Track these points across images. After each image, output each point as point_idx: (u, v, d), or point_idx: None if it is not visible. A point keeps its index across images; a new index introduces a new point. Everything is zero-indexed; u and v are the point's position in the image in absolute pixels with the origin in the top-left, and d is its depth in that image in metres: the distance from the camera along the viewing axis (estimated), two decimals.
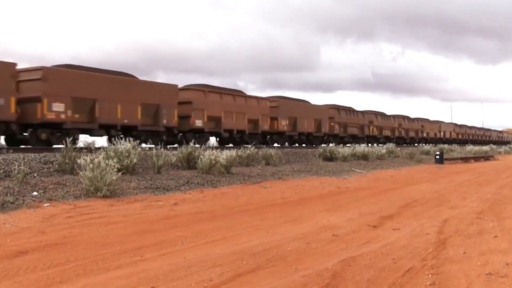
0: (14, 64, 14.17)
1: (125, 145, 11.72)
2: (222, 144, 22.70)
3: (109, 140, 15.99)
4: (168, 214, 8.19)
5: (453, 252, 5.69)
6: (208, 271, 4.74)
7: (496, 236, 6.62)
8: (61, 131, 15.29)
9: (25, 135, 15.22)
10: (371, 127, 38.45)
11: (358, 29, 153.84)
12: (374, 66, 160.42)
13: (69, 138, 11.39)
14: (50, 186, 9.07)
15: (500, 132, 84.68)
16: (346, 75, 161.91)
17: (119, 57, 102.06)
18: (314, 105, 31.33)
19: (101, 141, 17.96)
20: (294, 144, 28.30)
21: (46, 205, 7.98)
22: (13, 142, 14.97)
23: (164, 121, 18.86)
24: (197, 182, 11.65)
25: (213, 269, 4.81)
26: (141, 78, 19.28)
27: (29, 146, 14.84)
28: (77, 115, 15.64)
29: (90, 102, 16.04)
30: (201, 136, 20.86)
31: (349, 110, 35.60)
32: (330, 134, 31.95)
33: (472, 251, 5.74)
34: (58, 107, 14.93)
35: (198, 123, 20.94)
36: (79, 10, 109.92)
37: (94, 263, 4.99)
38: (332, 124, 32.44)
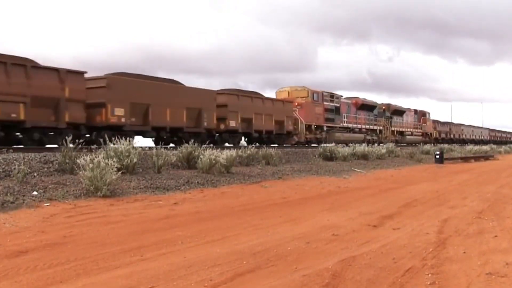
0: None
1: (124, 144, 11.71)
2: (298, 143, 28.28)
3: (249, 142, 23.14)
4: (168, 214, 8.19)
5: (453, 252, 5.68)
6: (208, 270, 4.74)
7: (496, 236, 6.62)
8: (234, 135, 22.56)
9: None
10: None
11: (354, 30, 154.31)
12: (371, 66, 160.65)
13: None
14: (50, 186, 9.07)
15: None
16: (344, 75, 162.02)
17: (120, 57, 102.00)
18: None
19: None
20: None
21: (46, 204, 7.98)
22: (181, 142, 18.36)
23: (286, 128, 26.13)
24: (197, 182, 11.64)
25: (213, 268, 4.81)
26: None
27: (29, 146, 14.89)
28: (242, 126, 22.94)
29: (249, 118, 23.19)
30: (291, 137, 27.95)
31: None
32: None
33: (472, 251, 5.74)
34: (235, 122, 22.20)
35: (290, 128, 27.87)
36: (81, 10, 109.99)
37: (94, 263, 4.99)
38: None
